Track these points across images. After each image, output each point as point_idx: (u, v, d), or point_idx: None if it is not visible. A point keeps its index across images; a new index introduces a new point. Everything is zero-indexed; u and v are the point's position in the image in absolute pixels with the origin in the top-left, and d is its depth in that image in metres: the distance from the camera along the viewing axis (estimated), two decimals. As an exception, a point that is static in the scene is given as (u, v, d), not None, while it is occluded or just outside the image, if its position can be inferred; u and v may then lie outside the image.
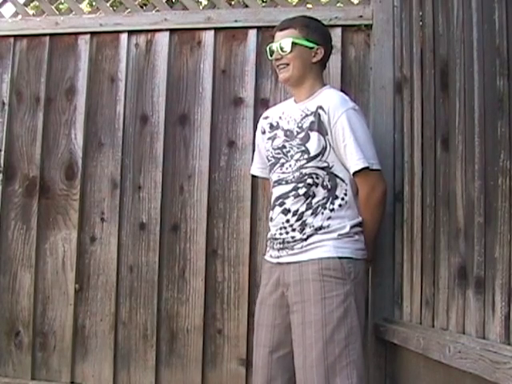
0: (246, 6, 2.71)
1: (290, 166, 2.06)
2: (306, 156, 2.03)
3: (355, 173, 1.99)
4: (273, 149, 2.14)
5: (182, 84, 2.70)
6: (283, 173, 2.08)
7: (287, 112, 2.16)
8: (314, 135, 2.02)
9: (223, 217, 2.60)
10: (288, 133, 2.11)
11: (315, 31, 2.12)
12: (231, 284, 2.57)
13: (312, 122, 2.04)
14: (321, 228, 1.99)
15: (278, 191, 2.09)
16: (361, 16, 2.54)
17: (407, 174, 2.20)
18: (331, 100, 2.04)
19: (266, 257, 2.15)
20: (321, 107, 2.04)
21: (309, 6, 2.67)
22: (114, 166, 2.70)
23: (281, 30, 2.13)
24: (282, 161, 2.09)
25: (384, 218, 2.13)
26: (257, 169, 2.33)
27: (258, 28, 2.64)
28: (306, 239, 1.99)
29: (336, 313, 1.90)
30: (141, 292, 2.63)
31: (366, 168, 1.98)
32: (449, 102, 1.80)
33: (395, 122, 2.34)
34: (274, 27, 2.59)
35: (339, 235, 1.98)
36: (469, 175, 1.61)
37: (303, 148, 2.04)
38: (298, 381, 1.94)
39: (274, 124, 2.19)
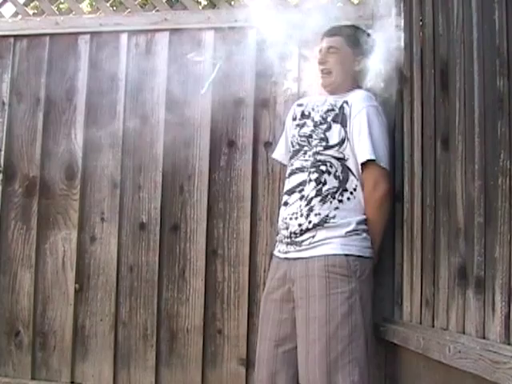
0: (246, 6, 2.71)
1: (311, 154, 2.12)
2: (323, 143, 2.09)
3: (362, 165, 2.04)
4: (299, 135, 2.19)
5: (182, 84, 2.70)
6: (306, 160, 2.12)
7: (319, 105, 2.22)
8: (335, 126, 2.10)
9: (223, 217, 2.60)
10: (316, 123, 2.16)
11: (361, 42, 2.20)
12: (231, 284, 2.57)
13: (336, 115, 2.11)
14: (326, 218, 2.01)
15: (299, 178, 2.12)
16: (361, 16, 2.54)
17: (407, 173, 2.19)
18: (356, 95, 2.14)
19: (275, 252, 2.18)
20: (346, 101, 2.12)
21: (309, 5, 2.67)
22: (114, 165, 2.70)
23: (328, 36, 2.22)
24: (306, 149, 2.14)
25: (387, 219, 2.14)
26: (279, 154, 2.37)
27: (258, 28, 2.64)
28: (313, 234, 2.01)
29: (340, 309, 1.92)
30: (141, 292, 2.63)
31: (372, 161, 2.01)
32: (449, 101, 1.80)
33: (395, 122, 2.34)
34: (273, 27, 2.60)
35: (346, 233, 2.01)
36: (469, 175, 1.61)
37: (322, 136, 2.10)
38: (300, 375, 1.96)
39: (306, 113, 2.24)
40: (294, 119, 2.28)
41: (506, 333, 1.35)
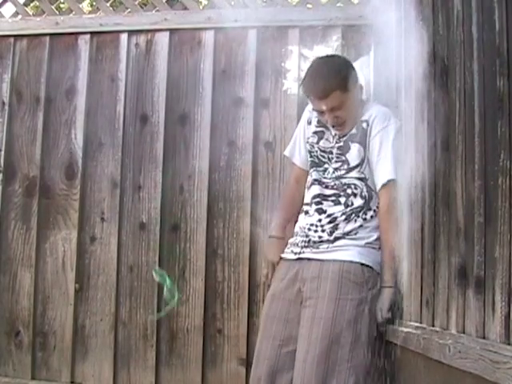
0: (246, 6, 2.71)
1: (329, 172, 2.11)
2: (345, 166, 2.07)
3: (384, 183, 2.03)
4: (319, 149, 2.15)
5: (182, 84, 2.70)
6: (325, 177, 2.11)
7: None
8: (354, 146, 2.07)
9: (223, 217, 2.60)
10: (333, 138, 2.13)
11: (351, 76, 2.06)
12: (231, 284, 2.57)
13: (353, 134, 2.08)
14: (349, 233, 2.03)
15: (317, 190, 2.12)
16: (361, 16, 2.54)
17: (407, 173, 2.19)
18: (373, 113, 2.08)
19: (285, 255, 2.15)
20: (364, 120, 2.07)
21: (309, 5, 2.67)
22: (114, 165, 2.71)
23: (323, 99, 2.01)
24: (326, 165, 2.13)
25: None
26: (291, 154, 2.30)
27: (258, 28, 2.64)
28: (332, 241, 2.03)
29: (347, 315, 1.92)
30: (141, 292, 2.63)
31: (393, 180, 2.02)
32: (449, 101, 1.80)
33: (395, 122, 2.34)
34: (273, 27, 2.61)
35: (366, 243, 2.03)
36: (469, 175, 1.60)
37: (343, 158, 2.08)
38: (295, 373, 1.93)
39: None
40: (310, 123, 2.22)
41: (506, 333, 1.35)
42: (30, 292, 2.71)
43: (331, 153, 2.12)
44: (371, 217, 2.06)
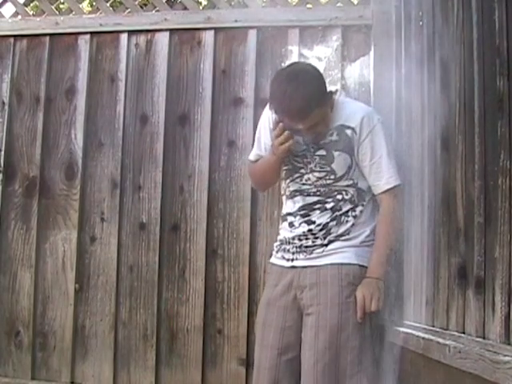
0: (246, 6, 2.71)
1: (310, 179, 2.02)
2: (332, 177, 1.99)
3: (389, 189, 1.99)
4: (292, 154, 2.02)
5: (182, 84, 2.70)
6: (303, 184, 2.04)
7: None
8: (339, 156, 1.98)
9: (223, 217, 2.60)
10: (304, 141, 2.01)
11: (325, 87, 1.94)
12: (231, 284, 2.57)
13: (334, 142, 1.98)
14: (343, 234, 1.99)
15: (300, 201, 2.04)
16: (361, 16, 2.54)
17: (407, 173, 2.19)
18: (359, 118, 1.98)
19: (275, 260, 2.09)
20: (348, 127, 1.98)
21: (309, 6, 2.67)
22: (114, 166, 2.71)
23: (301, 120, 1.87)
24: (302, 171, 2.03)
25: None
26: (255, 155, 2.19)
27: (258, 28, 2.64)
28: (327, 245, 1.98)
29: (352, 319, 1.90)
30: (141, 292, 2.63)
31: (398, 185, 2.00)
32: (449, 101, 1.80)
33: (395, 123, 2.34)
34: (273, 27, 2.61)
35: (361, 242, 1.99)
36: (469, 175, 1.61)
37: (328, 168, 1.99)
38: (305, 382, 1.91)
39: None
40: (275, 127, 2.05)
41: (505, 333, 1.35)
42: (29, 292, 2.71)
43: (305, 156, 2.02)
44: (360, 212, 2.01)
